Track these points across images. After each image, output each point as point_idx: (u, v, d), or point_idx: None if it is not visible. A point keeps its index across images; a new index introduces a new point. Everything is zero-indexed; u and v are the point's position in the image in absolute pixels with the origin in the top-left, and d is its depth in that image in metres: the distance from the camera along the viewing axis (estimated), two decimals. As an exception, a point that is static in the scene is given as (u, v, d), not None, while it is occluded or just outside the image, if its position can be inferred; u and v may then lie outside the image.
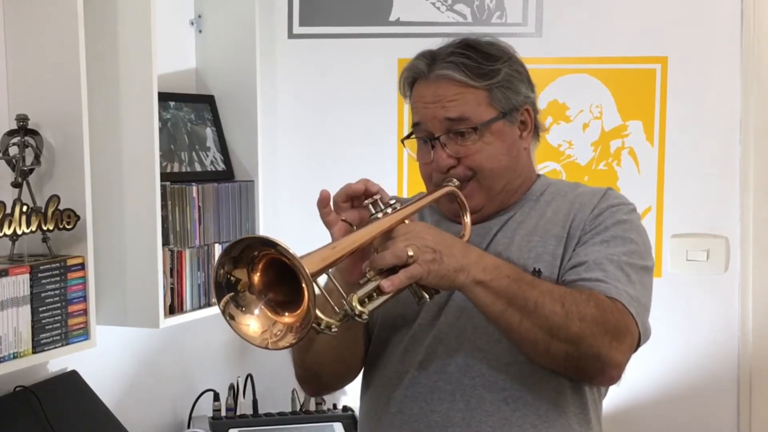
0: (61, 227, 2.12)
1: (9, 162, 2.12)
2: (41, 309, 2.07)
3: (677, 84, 3.00)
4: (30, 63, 2.19)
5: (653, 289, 1.75)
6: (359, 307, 1.44)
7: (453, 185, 1.73)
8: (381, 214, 1.58)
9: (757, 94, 2.94)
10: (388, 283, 1.46)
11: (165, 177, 2.51)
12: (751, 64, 2.94)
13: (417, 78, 1.77)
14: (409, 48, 1.84)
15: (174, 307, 2.52)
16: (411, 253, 1.49)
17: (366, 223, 1.58)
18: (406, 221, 1.59)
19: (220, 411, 2.82)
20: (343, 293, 1.46)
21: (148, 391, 2.75)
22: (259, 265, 1.42)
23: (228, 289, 1.42)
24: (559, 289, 1.60)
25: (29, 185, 2.13)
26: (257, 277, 1.42)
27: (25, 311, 2.03)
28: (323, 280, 1.49)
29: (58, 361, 2.35)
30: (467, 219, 1.72)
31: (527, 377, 1.69)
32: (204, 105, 2.85)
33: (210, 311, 2.63)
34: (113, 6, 2.36)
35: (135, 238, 2.40)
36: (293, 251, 1.35)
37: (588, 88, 3.05)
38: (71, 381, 2.38)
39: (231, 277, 1.42)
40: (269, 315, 1.43)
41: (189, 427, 2.82)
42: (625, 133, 3.04)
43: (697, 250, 3.01)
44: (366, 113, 3.12)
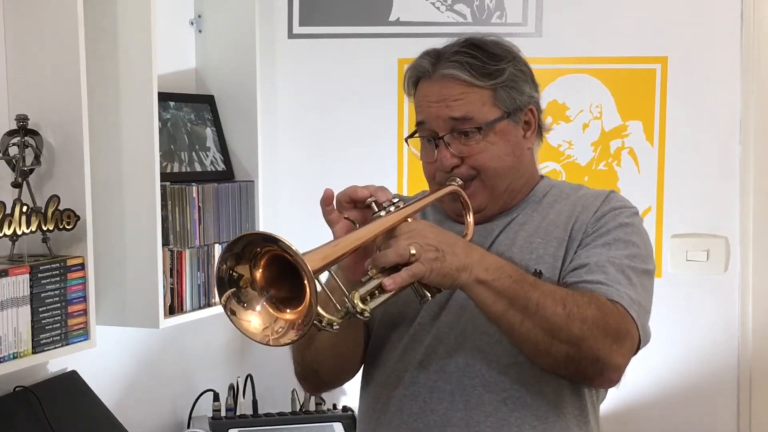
0: (61, 227, 2.12)
1: (9, 162, 2.12)
2: (41, 309, 2.07)
3: (677, 84, 3.00)
4: (30, 63, 2.19)
5: (654, 289, 1.74)
6: (361, 305, 1.44)
7: (456, 184, 1.72)
8: (384, 212, 1.57)
9: (757, 94, 2.94)
10: (390, 282, 1.46)
11: (165, 177, 2.51)
12: (751, 64, 2.94)
13: (421, 77, 1.76)
14: (409, 48, 1.84)
15: (174, 307, 2.53)
16: (413, 252, 1.48)
17: (368, 222, 1.58)
18: (408, 220, 1.59)
19: (220, 411, 2.82)
20: (345, 291, 1.46)
21: (148, 391, 2.74)
22: (262, 262, 1.41)
23: (230, 285, 1.42)
24: (561, 291, 1.60)
25: (29, 185, 2.12)
26: (259, 274, 1.42)
27: (25, 311, 2.03)
28: (324, 277, 1.49)
29: (58, 361, 2.34)
30: (470, 218, 1.72)
31: (527, 378, 1.68)
32: (204, 105, 2.84)
33: (210, 311, 2.63)
34: (113, 6, 2.36)
35: (135, 238, 2.40)
36: (296, 247, 1.34)
37: (588, 88, 3.04)
38: (71, 381, 2.37)
39: (233, 273, 1.41)
40: (271, 311, 1.42)
41: (189, 427, 2.82)
42: (625, 133, 3.04)
43: (697, 250, 3.01)
44: (366, 113, 3.12)
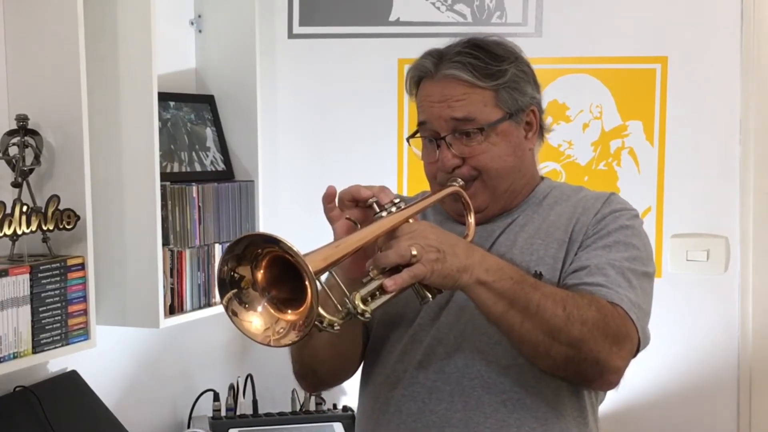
0: (61, 227, 2.12)
1: (9, 162, 2.12)
2: (41, 309, 2.07)
3: (677, 84, 3.00)
4: (30, 63, 2.19)
5: (653, 292, 1.74)
6: (362, 306, 1.44)
7: (457, 185, 1.72)
8: (385, 213, 1.57)
9: (757, 94, 2.94)
10: (391, 282, 1.46)
11: (165, 177, 2.51)
12: (751, 64, 2.94)
13: (423, 77, 1.76)
14: (409, 48, 1.84)
15: (174, 307, 2.53)
16: (414, 253, 1.48)
17: (370, 222, 1.57)
18: (410, 220, 1.59)
19: (220, 411, 2.82)
20: (346, 291, 1.46)
21: (148, 391, 2.74)
22: (263, 263, 1.41)
23: (231, 286, 1.42)
24: (561, 293, 1.60)
25: (29, 185, 2.12)
26: (260, 274, 1.42)
27: (25, 311, 2.03)
28: (324, 276, 1.49)
29: (58, 361, 2.34)
30: (471, 219, 1.72)
31: (526, 380, 1.68)
32: (204, 105, 2.84)
33: (210, 311, 2.63)
34: (113, 6, 2.36)
35: (135, 238, 2.40)
36: (297, 248, 1.34)
37: (588, 88, 3.04)
38: (71, 381, 2.37)
39: (234, 274, 1.42)
40: (272, 312, 1.42)
41: (189, 427, 2.82)
42: (625, 133, 3.04)
43: (697, 250, 3.01)
44: (366, 113, 3.12)
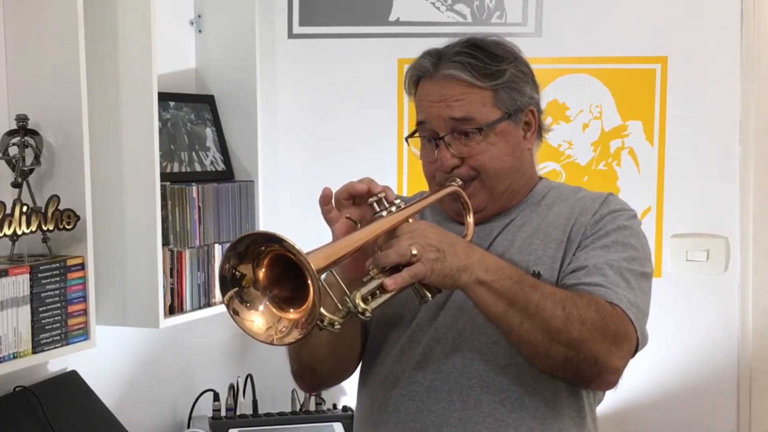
0: (61, 227, 2.12)
1: (9, 162, 2.12)
2: (41, 309, 2.06)
3: (677, 84, 3.00)
4: (30, 63, 2.19)
5: (652, 292, 1.75)
6: (363, 305, 1.44)
7: (456, 185, 1.72)
8: (385, 212, 1.58)
9: (757, 94, 2.94)
10: (391, 282, 1.46)
11: (165, 177, 2.51)
12: (751, 64, 2.94)
13: (422, 76, 1.76)
14: (409, 48, 1.84)
15: (174, 307, 2.53)
16: (415, 252, 1.49)
17: (370, 221, 1.58)
18: (409, 220, 1.59)
19: (220, 411, 2.82)
20: (347, 290, 1.46)
21: (148, 391, 2.74)
22: (264, 261, 1.42)
23: (233, 284, 1.42)
24: (561, 293, 1.60)
25: (29, 185, 2.12)
26: (262, 273, 1.42)
27: (25, 311, 2.03)
28: (322, 276, 1.49)
29: (58, 361, 2.34)
30: (470, 219, 1.72)
31: (525, 379, 1.69)
32: (204, 105, 2.84)
33: (210, 311, 2.63)
34: (113, 6, 2.36)
35: (135, 238, 2.40)
36: (299, 247, 1.35)
37: (588, 88, 3.04)
38: (71, 381, 2.37)
39: (236, 272, 1.42)
40: (274, 311, 1.43)
41: (189, 427, 2.82)
42: (625, 133, 3.04)
43: (697, 250, 3.01)
44: (366, 113, 3.12)
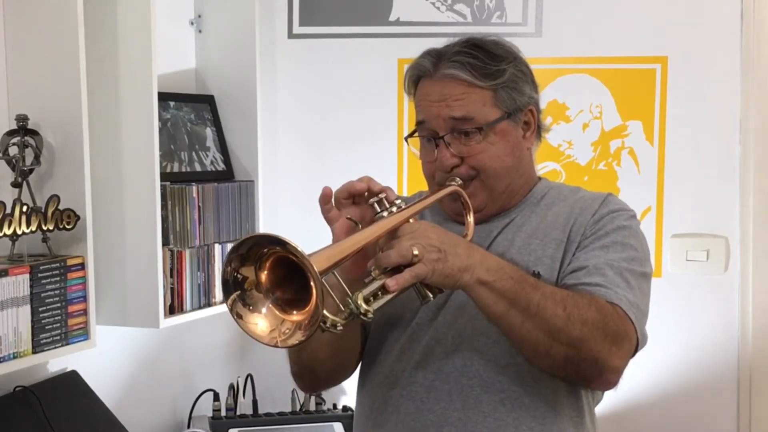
0: (61, 227, 2.12)
1: (9, 162, 2.12)
2: (41, 309, 2.06)
3: (677, 84, 3.00)
4: (30, 63, 2.19)
5: (652, 292, 1.75)
6: (365, 306, 1.44)
7: (456, 184, 1.72)
8: (386, 213, 1.58)
9: (757, 94, 2.94)
10: (393, 282, 1.46)
11: (165, 177, 2.51)
12: (751, 64, 2.94)
13: (422, 76, 1.76)
14: (409, 48, 1.83)
15: (174, 307, 2.53)
16: (416, 252, 1.49)
17: (371, 222, 1.58)
18: (410, 220, 1.59)
19: (220, 411, 2.82)
20: (348, 291, 1.46)
21: (148, 391, 2.74)
22: (267, 264, 1.41)
23: (235, 287, 1.42)
24: (561, 293, 1.60)
25: (29, 185, 2.12)
26: (264, 276, 1.42)
27: (25, 311, 2.03)
28: (324, 277, 1.49)
29: (58, 361, 2.34)
30: (470, 219, 1.72)
31: (525, 379, 1.69)
32: (204, 105, 2.84)
33: (210, 311, 2.63)
34: (113, 6, 2.36)
35: (135, 238, 2.40)
36: (302, 249, 1.34)
37: (588, 88, 3.04)
38: (71, 381, 2.37)
39: (238, 275, 1.42)
40: (277, 313, 1.42)
41: (189, 427, 2.82)
42: (625, 133, 3.04)
43: (697, 250, 3.01)
44: (366, 113, 3.12)
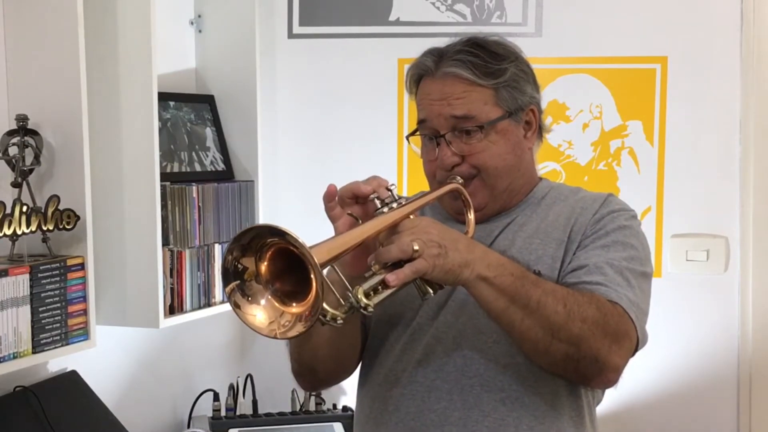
0: (61, 227, 2.12)
1: (9, 162, 2.12)
2: (41, 309, 2.07)
3: (677, 84, 3.00)
4: (30, 63, 2.19)
5: (652, 291, 1.75)
6: (365, 300, 1.44)
7: (457, 182, 1.73)
8: (387, 208, 1.57)
9: (757, 94, 2.94)
10: (393, 277, 1.46)
11: (165, 177, 2.51)
12: (751, 64, 2.94)
13: (423, 75, 1.77)
14: (409, 48, 1.84)
15: (174, 307, 2.53)
16: (416, 248, 1.48)
17: (371, 217, 1.58)
18: (411, 216, 1.59)
19: (219, 411, 2.82)
20: (349, 286, 1.46)
21: (148, 391, 2.74)
22: (267, 255, 1.41)
23: (235, 277, 1.42)
24: (562, 290, 1.60)
25: (29, 185, 2.12)
26: (264, 267, 1.42)
27: (25, 311, 2.03)
28: (324, 272, 1.49)
29: (57, 361, 2.34)
30: (471, 216, 1.72)
31: (525, 378, 1.69)
32: (204, 105, 2.85)
33: (210, 311, 2.63)
34: (113, 6, 2.36)
35: (135, 238, 2.40)
36: (303, 240, 1.34)
37: (588, 88, 3.04)
38: (71, 381, 2.37)
39: (238, 265, 1.41)
40: (276, 305, 1.42)
41: (189, 427, 2.82)
42: (625, 133, 3.04)
43: (697, 250, 3.01)
44: (366, 113, 3.12)
